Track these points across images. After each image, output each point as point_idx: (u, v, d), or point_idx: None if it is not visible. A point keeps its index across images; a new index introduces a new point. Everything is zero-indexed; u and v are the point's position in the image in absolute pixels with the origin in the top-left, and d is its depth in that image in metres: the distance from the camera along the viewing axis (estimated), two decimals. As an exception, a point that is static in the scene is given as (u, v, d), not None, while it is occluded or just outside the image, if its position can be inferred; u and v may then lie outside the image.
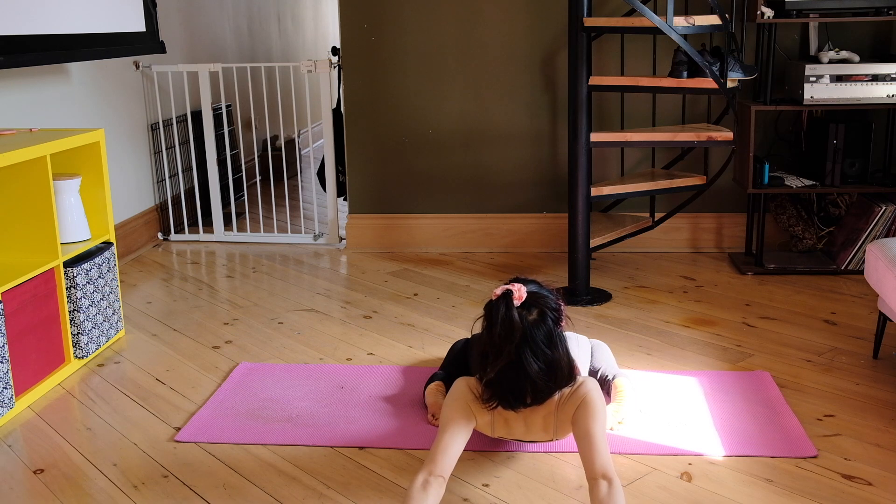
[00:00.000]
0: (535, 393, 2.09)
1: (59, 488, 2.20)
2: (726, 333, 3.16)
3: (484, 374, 2.09)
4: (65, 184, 3.01)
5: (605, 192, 3.55)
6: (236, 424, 2.50)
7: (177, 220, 4.73)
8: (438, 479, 2.01)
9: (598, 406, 2.09)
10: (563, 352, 2.09)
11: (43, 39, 3.27)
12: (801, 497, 2.09)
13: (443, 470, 2.03)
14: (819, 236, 4.02)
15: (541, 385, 2.07)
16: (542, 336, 2.05)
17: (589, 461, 2.00)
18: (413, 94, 4.22)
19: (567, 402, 2.13)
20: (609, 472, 1.96)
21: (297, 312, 3.48)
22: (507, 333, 2.03)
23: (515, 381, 2.07)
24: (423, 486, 1.98)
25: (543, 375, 2.06)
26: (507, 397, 2.09)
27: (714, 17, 3.36)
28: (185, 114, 4.77)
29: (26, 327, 2.68)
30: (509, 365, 2.05)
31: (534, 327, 2.05)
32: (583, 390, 2.12)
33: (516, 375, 2.06)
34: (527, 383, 2.06)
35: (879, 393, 2.65)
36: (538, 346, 2.05)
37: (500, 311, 2.05)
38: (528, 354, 2.04)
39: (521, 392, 2.08)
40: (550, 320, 2.07)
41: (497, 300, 2.07)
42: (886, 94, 3.61)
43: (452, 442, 2.07)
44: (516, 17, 4.09)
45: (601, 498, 1.91)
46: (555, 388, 2.11)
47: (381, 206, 4.35)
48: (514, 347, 2.03)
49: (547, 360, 2.06)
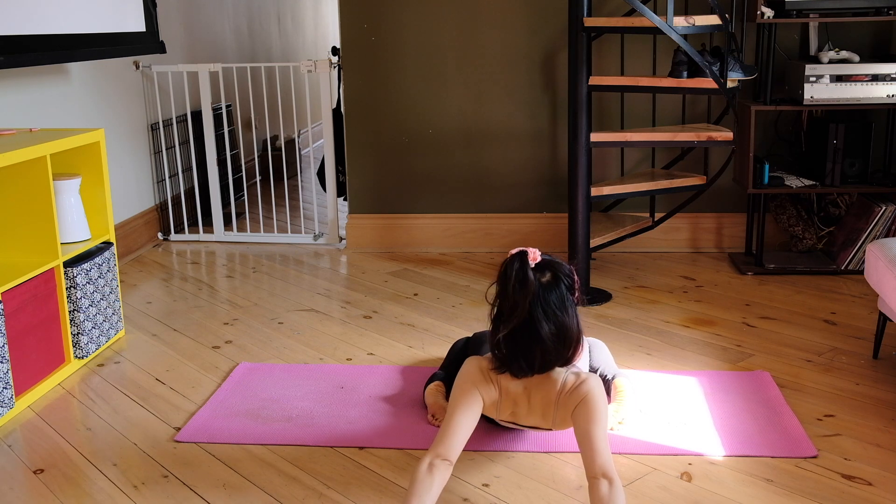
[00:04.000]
0: (544, 357, 2.09)
1: (59, 488, 2.20)
2: (726, 333, 3.16)
3: (497, 333, 2.10)
4: (65, 184, 3.01)
5: (605, 192, 3.55)
6: (236, 424, 2.50)
7: (177, 220, 4.73)
8: (445, 462, 2.01)
9: (600, 405, 2.09)
10: (574, 318, 2.10)
11: (43, 39, 3.27)
12: (801, 497, 2.09)
13: (449, 453, 2.03)
14: (819, 236, 4.02)
15: (550, 348, 2.08)
16: (554, 298, 2.07)
17: (589, 460, 2.00)
18: (413, 94, 4.22)
19: (570, 395, 2.13)
20: (609, 472, 1.96)
21: (297, 312, 3.48)
22: (520, 287, 2.04)
23: (526, 344, 2.07)
24: (428, 469, 1.99)
25: (553, 338, 2.07)
26: (518, 361, 2.10)
27: (714, 17, 3.36)
28: (185, 114, 4.77)
29: (26, 327, 2.68)
30: (521, 326, 2.06)
31: (546, 288, 2.07)
32: (585, 388, 2.12)
33: (527, 337, 2.07)
34: (537, 346, 2.07)
35: (879, 393, 2.65)
36: (550, 307, 2.06)
37: (515, 266, 2.07)
38: (539, 314, 2.05)
39: (530, 355, 2.08)
40: (564, 286, 2.09)
41: (512, 257, 2.09)
42: (886, 94, 3.61)
43: (460, 425, 2.07)
44: (516, 17, 4.09)
45: (601, 497, 1.91)
46: (564, 354, 2.11)
47: (381, 206, 4.35)
48: (526, 304, 2.04)
49: (558, 322, 2.07)
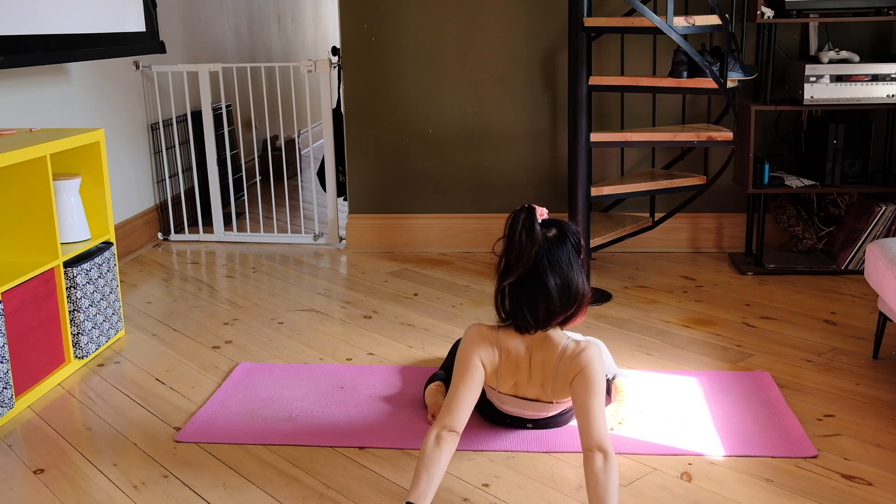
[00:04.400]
0: (548, 310, 2.12)
1: (59, 488, 2.20)
2: (726, 333, 3.16)
3: (502, 282, 2.14)
4: (65, 184, 3.01)
5: (605, 192, 3.55)
6: (236, 424, 2.50)
7: (177, 220, 4.73)
8: (452, 433, 2.04)
9: (599, 376, 2.11)
10: (579, 275, 2.14)
11: (43, 39, 3.27)
12: (801, 497, 2.09)
13: (455, 424, 2.06)
14: (819, 236, 4.02)
15: (555, 301, 2.10)
16: (560, 253, 2.11)
17: (586, 432, 2.02)
18: (413, 94, 4.22)
19: (570, 361, 2.15)
20: (605, 445, 1.98)
21: (297, 312, 3.48)
22: (527, 237, 2.08)
23: (531, 295, 2.11)
24: (436, 441, 2.02)
25: (559, 291, 2.10)
26: (522, 313, 2.13)
27: (714, 17, 3.36)
28: (185, 114, 4.77)
29: (26, 327, 2.68)
30: (527, 276, 2.10)
31: (553, 243, 2.11)
32: (585, 357, 2.14)
33: (532, 288, 2.10)
34: (542, 298, 2.10)
35: (879, 393, 2.65)
36: (556, 260, 2.10)
37: (522, 217, 2.10)
38: (545, 264, 2.09)
39: (535, 307, 2.11)
40: (570, 244, 2.13)
41: (520, 209, 2.12)
42: (886, 94, 3.61)
43: (465, 396, 2.11)
44: (516, 17, 4.09)
45: (596, 470, 1.94)
46: (568, 309, 2.14)
47: (381, 206, 4.35)
48: (532, 253, 2.08)
49: (564, 276, 2.11)
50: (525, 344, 2.19)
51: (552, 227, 2.14)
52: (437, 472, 1.98)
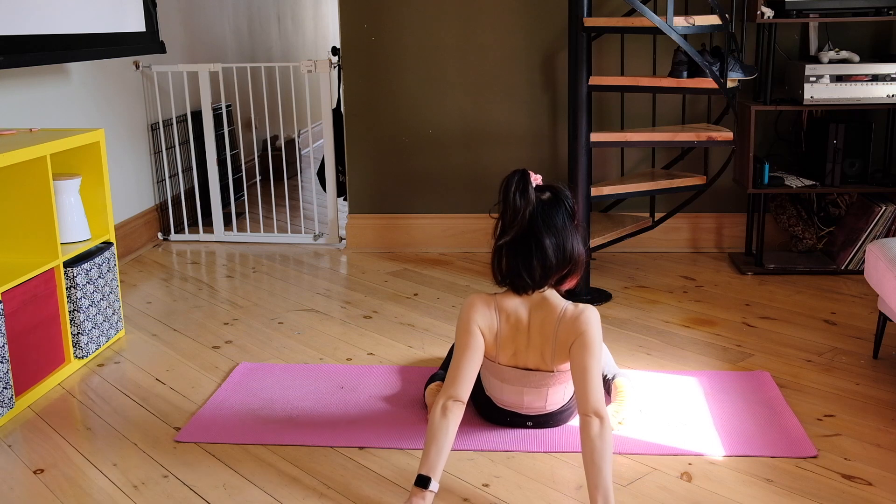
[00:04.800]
0: (544, 270, 2.16)
1: (59, 488, 2.20)
2: (726, 333, 3.16)
3: (498, 241, 2.18)
4: (65, 184, 3.01)
5: (605, 192, 3.55)
6: (236, 424, 2.50)
7: (177, 220, 4.73)
8: (457, 403, 2.10)
9: (598, 342, 2.16)
10: (574, 237, 2.18)
11: (43, 39, 3.27)
12: (801, 497, 2.09)
13: (460, 394, 2.12)
14: (819, 236, 4.02)
15: (551, 260, 2.15)
16: (554, 215, 2.16)
17: (584, 397, 2.07)
18: (413, 94, 4.22)
19: (570, 323, 2.18)
20: (601, 410, 2.03)
21: (297, 312, 3.48)
22: (521, 197, 2.12)
23: (527, 254, 2.16)
24: (442, 412, 2.08)
25: (554, 250, 2.15)
26: (519, 273, 2.18)
27: (714, 17, 3.36)
28: (185, 114, 4.77)
29: (26, 327, 2.68)
30: (523, 236, 2.15)
31: (547, 205, 2.16)
32: (584, 320, 2.17)
33: (528, 248, 2.15)
34: (538, 258, 2.15)
35: (879, 393, 2.65)
36: (550, 221, 2.15)
37: (516, 178, 2.14)
38: (540, 224, 2.14)
39: (530, 267, 2.16)
40: (564, 209, 2.17)
41: (513, 172, 2.16)
42: (886, 94, 3.61)
43: (467, 365, 2.16)
44: (516, 17, 4.09)
45: (593, 436, 1.99)
46: (564, 269, 2.18)
47: (381, 206, 4.35)
48: (527, 213, 2.12)
49: (558, 236, 2.16)
50: (524, 306, 2.23)
51: (546, 191, 2.19)
52: (446, 443, 2.04)
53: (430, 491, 2.00)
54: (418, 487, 2.00)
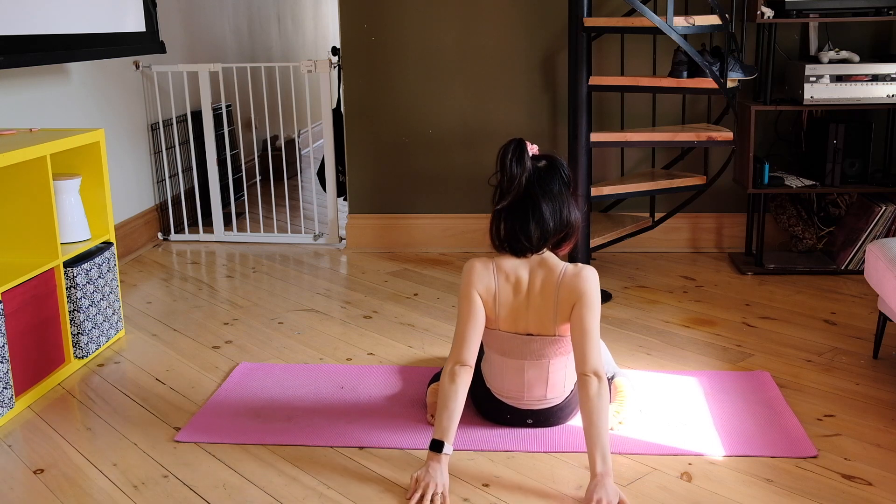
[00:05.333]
0: (542, 233, 2.22)
1: (59, 488, 2.20)
2: (726, 333, 3.16)
3: (497, 207, 2.24)
4: (65, 184, 3.01)
5: (605, 192, 3.55)
6: (236, 424, 2.50)
7: (177, 220, 4.73)
8: (464, 367, 2.20)
9: (598, 300, 2.23)
10: (570, 204, 2.24)
11: (43, 39, 3.27)
12: (801, 497, 2.09)
13: (466, 357, 2.21)
14: (819, 236, 4.02)
15: (548, 224, 2.21)
16: (550, 183, 2.22)
17: (584, 356, 2.15)
18: (413, 94, 4.22)
19: (571, 282, 2.23)
20: (599, 370, 2.13)
21: (297, 312, 3.48)
22: (517, 164, 2.19)
23: (524, 219, 2.21)
24: (451, 377, 2.18)
25: (551, 214, 2.21)
26: (517, 236, 2.23)
27: (714, 17, 3.37)
28: (185, 114, 4.77)
29: (26, 327, 2.68)
30: (520, 202, 2.21)
31: (543, 172, 2.22)
32: (584, 278, 2.22)
33: (525, 213, 2.21)
34: (535, 222, 2.21)
35: (879, 393, 2.65)
36: (546, 187, 2.21)
37: (512, 146, 2.21)
38: (536, 190, 2.20)
39: (527, 229, 2.21)
40: (560, 176, 2.23)
41: (510, 141, 2.23)
42: (886, 94, 3.61)
43: (471, 330, 2.23)
44: (516, 17, 4.09)
45: (592, 395, 2.10)
46: (560, 233, 2.24)
47: (381, 206, 4.35)
48: (523, 179, 2.19)
49: (554, 201, 2.22)
50: (523, 267, 2.28)
51: (542, 159, 2.25)
52: (457, 407, 2.15)
53: (445, 454, 2.12)
54: (434, 452, 2.12)
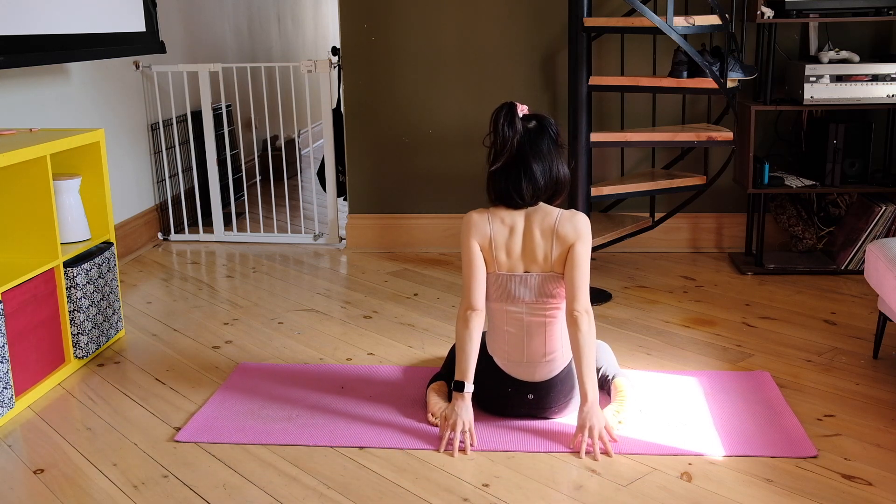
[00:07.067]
0: (535, 190, 2.35)
1: (59, 488, 2.20)
2: (726, 333, 3.16)
3: (491, 167, 2.36)
4: (65, 184, 3.01)
5: (605, 192, 3.55)
6: (236, 424, 2.50)
7: (177, 220, 4.73)
8: (475, 311, 2.37)
9: (590, 245, 2.38)
10: (558, 161, 2.38)
11: (43, 39, 3.27)
12: (801, 497, 2.09)
13: (476, 302, 2.37)
14: (819, 236, 4.02)
15: (539, 181, 2.34)
16: (540, 142, 2.35)
17: (576, 297, 2.32)
18: (413, 94, 4.22)
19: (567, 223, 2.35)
20: (589, 308, 2.33)
21: (297, 312, 3.48)
22: (509, 126, 2.32)
23: (517, 178, 2.34)
24: (464, 322, 2.36)
25: (542, 173, 2.34)
26: (510, 193, 2.35)
27: (714, 17, 3.37)
28: (185, 114, 4.77)
29: (26, 327, 2.69)
30: (513, 161, 2.33)
31: (533, 132, 2.35)
32: (580, 220, 2.36)
33: (518, 172, 2.34)
34: (527, 180, 2.33)
35: (879, 393, 2.65)
36: (537, 147, 2.34)
37: (503, 110, 2.34)
38: (527, 150, 2.33)
39: (520, 187, 2.34)
40: (549, 135, 2.36)
41: (501, 105, 2.36)
42: (886, 94, 3.61)
43: (475, 277, 2.38)
44: (516, 17, 4.09)
45: (584, 330, 2.30)
46: (551, 189, 2.38)
47: (381, 206, 4.35)
48: (514, 140, 2.32)
49: (545, 160, 2.35)
50: (519, 214, 2.39)
51: (532, 119, 2.36)
52: (473, 350, 2.36)
53: (467, 392, 2.35)
54: (457, 392, 2.35)
